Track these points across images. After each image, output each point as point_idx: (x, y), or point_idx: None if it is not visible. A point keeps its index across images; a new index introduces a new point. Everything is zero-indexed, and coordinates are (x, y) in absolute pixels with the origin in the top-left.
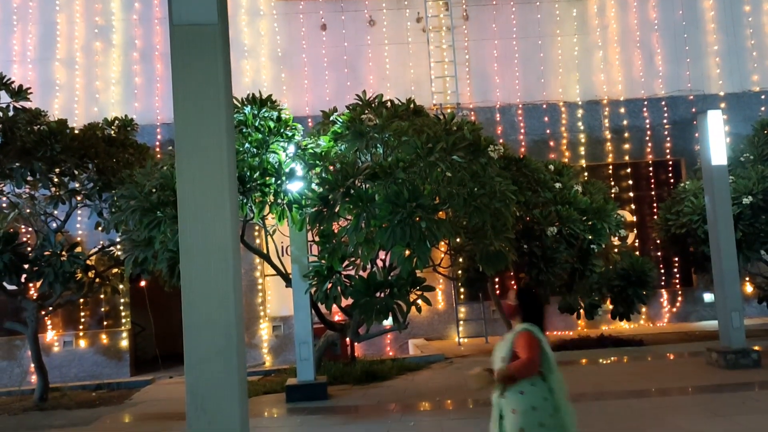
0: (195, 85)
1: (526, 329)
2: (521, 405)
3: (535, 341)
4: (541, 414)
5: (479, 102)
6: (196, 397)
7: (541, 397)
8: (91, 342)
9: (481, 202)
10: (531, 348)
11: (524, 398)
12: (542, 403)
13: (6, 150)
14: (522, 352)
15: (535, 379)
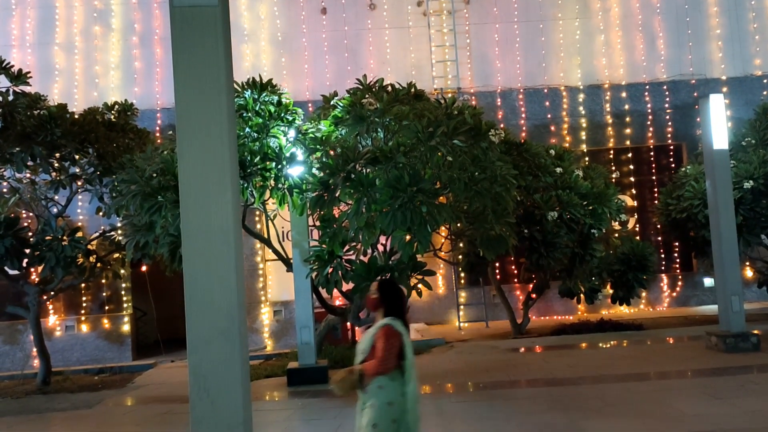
0: (195, 68)
1: (387, 324)
2: (378, 400)
3: (394, 336)
4: (395, 410)
5: (480, 86)
6: (198, 378)
7: (398, 392)
8: (92, 326)
9: (481, 186)
10: (388, 344)
11: (382, 393)
12: (399, 398)
13: (6, 134)
14: (378, 348)
15: (394, 374)
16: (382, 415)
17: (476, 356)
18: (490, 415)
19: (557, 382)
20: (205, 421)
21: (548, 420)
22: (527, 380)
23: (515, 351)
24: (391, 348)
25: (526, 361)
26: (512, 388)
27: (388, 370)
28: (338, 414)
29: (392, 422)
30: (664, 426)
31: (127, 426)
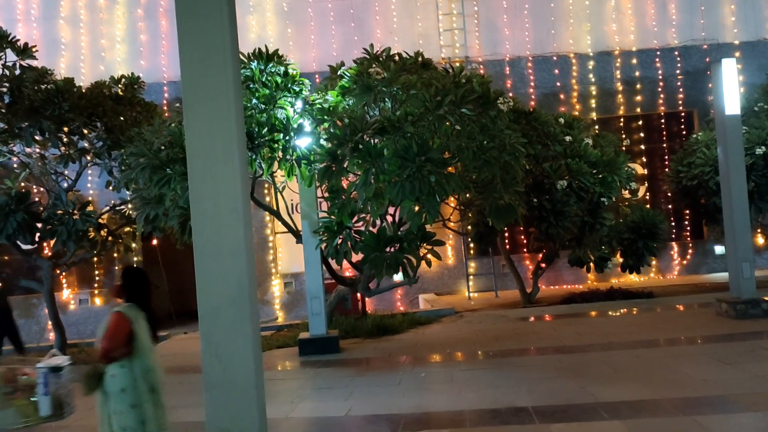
0: (201, 39)
1: (118, 311)
2: (112, 387)
3: (121, 324)
4: (131, 395)
5: (488, 55)
6: (210, 345)
7: (130, 378)
8: (106, 300)
9: (490, 155)
10: (113, 331)
11: (114, 381)
12: (131, 384)
13: (14, 109)
14: (104, 336)
15: (125, 362)
16: (120, 401)
17: (486, 325)
18: (500, 382)
19: (566, 349)
20: (217, 386)
21: (558, 386)
22: (536, 348)
23: (524, 320)
24: (116, 335)
25: (535, 329)
26: (522, 356)
27: (113, 356)
28: (350, 383)
29: (131, 408)
30: (672, 391)
31: None
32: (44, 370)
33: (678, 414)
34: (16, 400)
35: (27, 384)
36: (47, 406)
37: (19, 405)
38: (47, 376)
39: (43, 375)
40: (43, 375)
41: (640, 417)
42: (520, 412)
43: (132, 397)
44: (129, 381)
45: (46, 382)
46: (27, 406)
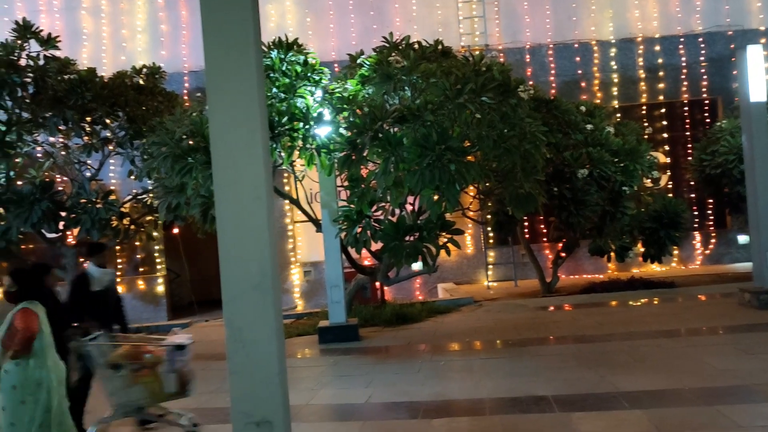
0: (224, 27)
1: (25, 306)
2: (3, 384)
3: (31, 318)
4: (21, 393)
5: (508, 43)
6: (234, 330)
7: (23, 376)
8: (129, 287)
9: (510, 143)
10: (26, 326)
11: (7, 377)
12: (23, 381)
13: (38, 99)
14: (18, 331)
15: (21, 359)
16: (9, 397)
17: (505, 314)
18: (519, 371)
19: (586, 339)
20: (241, 371)
21: (577, 376)
22: (556, 337)
23: (544, 309)
24: (30, 328)
25: (554, 319)
26: (541, 345)
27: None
28: (369, 371)
29: (21, 403)
30: (694, 381)
31: None
32: (170, 348)
33: (700, 404)
34: (143, 377)
35: (152, 361)
36: (173, 383)
37: (146, 382)
38: (173, 353)
39: (169, 353)
40: (169, 352)
41: (661, 406)
42: (540, 400)
43: (21, 394)
44: (21, 378)
45: (172, 360)
46: (153, 383)
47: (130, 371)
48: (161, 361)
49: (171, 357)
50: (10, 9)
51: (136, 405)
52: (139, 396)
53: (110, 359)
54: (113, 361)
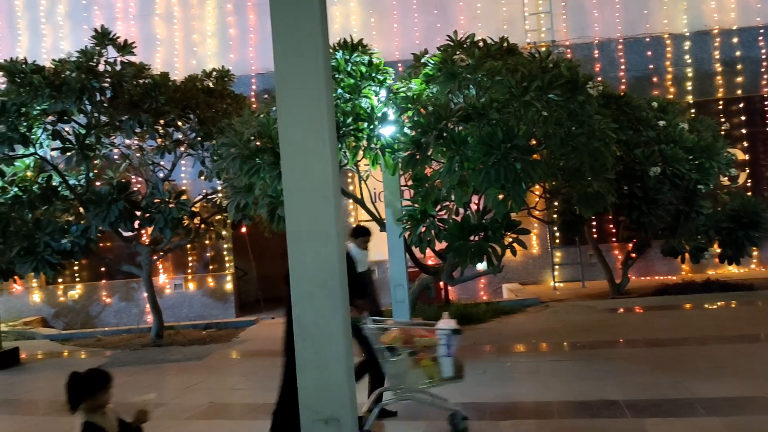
0: (294, 31)
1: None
2: None
3: None
4: None
5: (576, 38)
6: (302, 328)
7: None
8: (198, 285)
9: (579, 141)
10: None
11: None
12: None
13: (115, 103)
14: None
15: None
16: None
17: (572, 316)
18: (589, 374)
19: (659, 342)
20: (309, 369)
21: (650, 380)
22: (627, 340)
23: (613, 311)
24: None
25: (625, 321)
26: (611, 348)
27: None
28: None
29: None
30: None
31: (235, 376)
32: (447, 332)
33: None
34: (423, 361)
35: (426, 345)
36: (449, 367)
37: (425, 366)
38: (450, 337)
39: (446, 337)
40: (446, 337)
41: (740, 414)
42: (611, 405)
43: None
44: None
45: (449, 344)
46: (431, 367)
47: (408, 355)
48: (435, 345)
49: (448, 341)
50: (89, 17)
51: (416, 388)
52: (420, 380)
53: (385, 342)
54: (388, 344)
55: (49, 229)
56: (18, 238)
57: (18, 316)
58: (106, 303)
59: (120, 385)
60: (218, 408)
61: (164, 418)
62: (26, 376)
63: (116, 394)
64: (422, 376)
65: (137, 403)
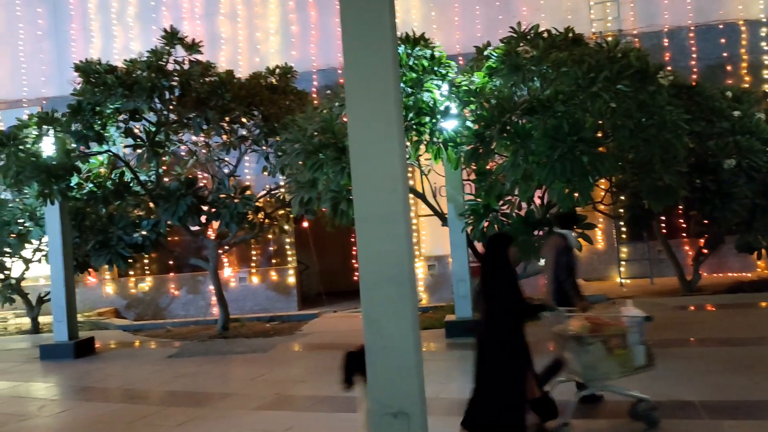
0: (363, 25)
1: None
2: None
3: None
4: None
5: (644, 27)
6: (371, 322)
7: None
8: (262, 278)
9: (649, 133)
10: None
11: None
12: None
13: (183, 101)
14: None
15: None
16: None
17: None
18: (661, 374)
19: (735, 341)
20: (378, 363)
21: (726, 380)
22: (699, 339)
23: (684, 309)
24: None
25: (698, 319)
26: (683, 347)
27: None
28: None
29: None
30: None
31: (299, 369)
32: (639, 320)
33: None
34: (616, 350)
35: (615, 333)
36: (642, 355)
37: (619, 355)
38: (641, 325)
39: (637, 324)
40: (638, 324)
41: None
42: (686, 406)
43: None
44: None
45: (641, 332)
46: (624, 355)
47: (601, 343)
48: (625, 333)
49: (639, 329)
50: (157, 18)
51: (608, 378)
52: (614, 369)
53: (575, 331)
54: (575, 333)
55: (122, 223)
56: (93, 232)
57: (92, 307)
58: (174, 295)
59: (189, 375)
60: (283, 399)
61: (231, 408)
62: (101, 364)
63: (186, 383)
64: (616, 365)
65: None
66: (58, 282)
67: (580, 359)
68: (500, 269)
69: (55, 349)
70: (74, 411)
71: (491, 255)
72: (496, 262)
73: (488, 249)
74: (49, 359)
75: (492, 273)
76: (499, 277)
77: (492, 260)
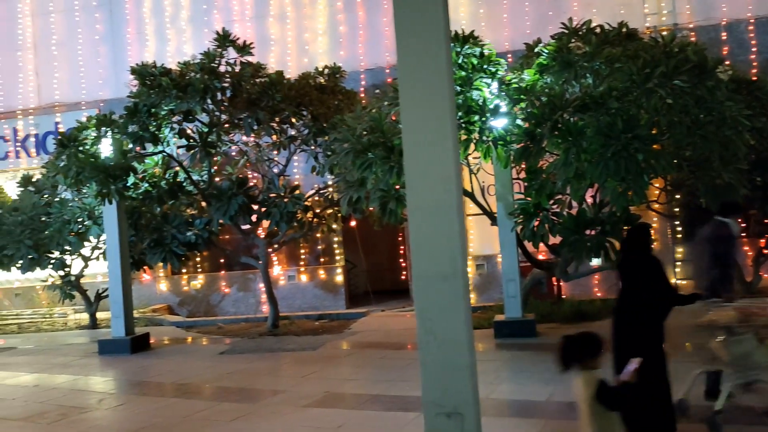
0: (417, 23)
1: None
2: None
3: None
4: None
5: (700, 20)
6: (425, 321)
7: None
8: (310, 277)
9: (707, 130)
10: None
11: None
12: None
13: (235, 102)
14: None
15: None
16: None
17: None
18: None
19: None
20: (432, 362)
21: None
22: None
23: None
24: None
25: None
26: None
27: None
28: (549, 368)
29: None
30: None
31: (348, 367)
32: None
33: None
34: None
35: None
36: None
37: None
38: None
39: None
40: None
41: None
42: (749, 411)
43: None
44: None
45: None
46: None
47: (752, 333)
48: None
49: None
50: (209, 21)
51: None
52: (765, 359)
53: (721, 322)
54: (724, 324)
55: (176, 222)
56: (148, 231)
57: (147, 303)
58: (225, 293)
59: (240, 372)
60: (333, 397)
61: (282, 405)
62: (156, 359)
63: (238, 380)
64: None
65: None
66: (116, 279)
67: (730, 350)
68: (645, 260)
69: (112, 344)
70: (131, 404)
71: (635, 246)
72: (641, 254)
73: (632, 241)
74: (107, 354)
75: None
76: (645, 268)
77: (637, 251)
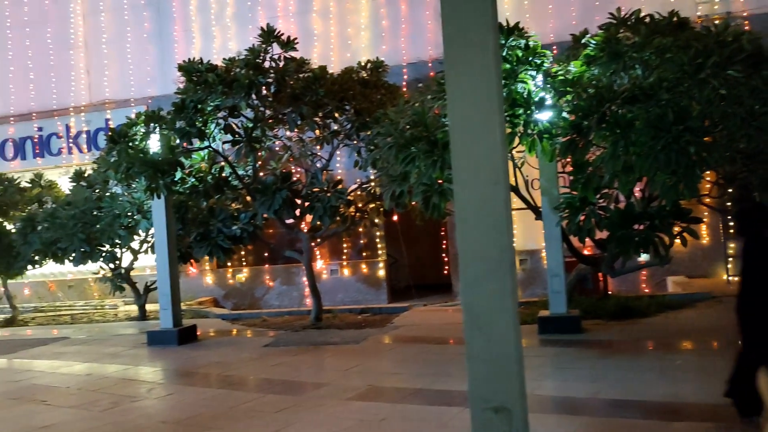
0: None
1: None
2: None
3: None
4: None
5: (755, 8)
6: (472, 316)
7: None
8: (353, 271)
9: (763, 121)
10: None
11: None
12: None
13: (279, 97)
14: None
15: None
16: None
17: None
18: None
19: None
20: (480, 356)
21: None
22: None
23: None
24: None
25: None
26: None
27: None
28: (594, 365)
29: None
30: None
31: (390, 361)
32: None
33: None
34: None
35: None
36: None
37: None
38: None
39: None
40: None
41: None
42: None
43: None
44: None
45: None
46: None
47: None
48: None
49: None
50: (253, 17)
51: None
52: None
53: None
54: None
55: (222, 216)
56: (195, 225)
57: (193, 296)
58: (269, 286)
59: (285, 364)
60: (376, 391)
61: (326, 398)
62: (202, 351)
63: (282, 372)
64: None
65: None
66: (164, 272)
67: None
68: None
69: (161, 336)
70: (179, 395)
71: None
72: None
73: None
74: (155, 345)
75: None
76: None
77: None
